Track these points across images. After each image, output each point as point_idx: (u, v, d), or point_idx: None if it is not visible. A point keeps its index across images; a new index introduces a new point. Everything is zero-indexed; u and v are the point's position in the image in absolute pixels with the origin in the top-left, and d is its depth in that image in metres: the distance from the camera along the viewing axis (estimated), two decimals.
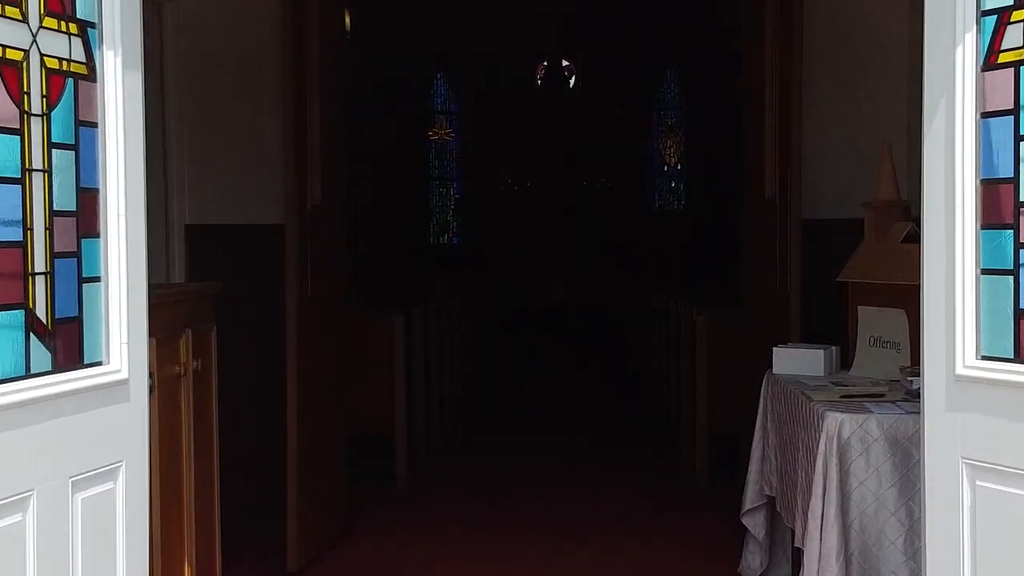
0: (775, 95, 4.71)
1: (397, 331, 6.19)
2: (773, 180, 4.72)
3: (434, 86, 21.28)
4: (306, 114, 4.64)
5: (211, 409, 3.68)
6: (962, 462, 2.49)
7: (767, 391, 4.19)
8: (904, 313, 3.89)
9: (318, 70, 4.73)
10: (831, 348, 4.12)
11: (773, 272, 4.67)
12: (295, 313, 4.46)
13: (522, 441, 7.79)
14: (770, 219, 4.74)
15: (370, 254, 17.71)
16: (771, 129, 4.74)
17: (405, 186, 19.43)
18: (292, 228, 4.46)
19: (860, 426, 3.31)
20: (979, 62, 2.49)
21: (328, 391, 5.03)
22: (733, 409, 6.10)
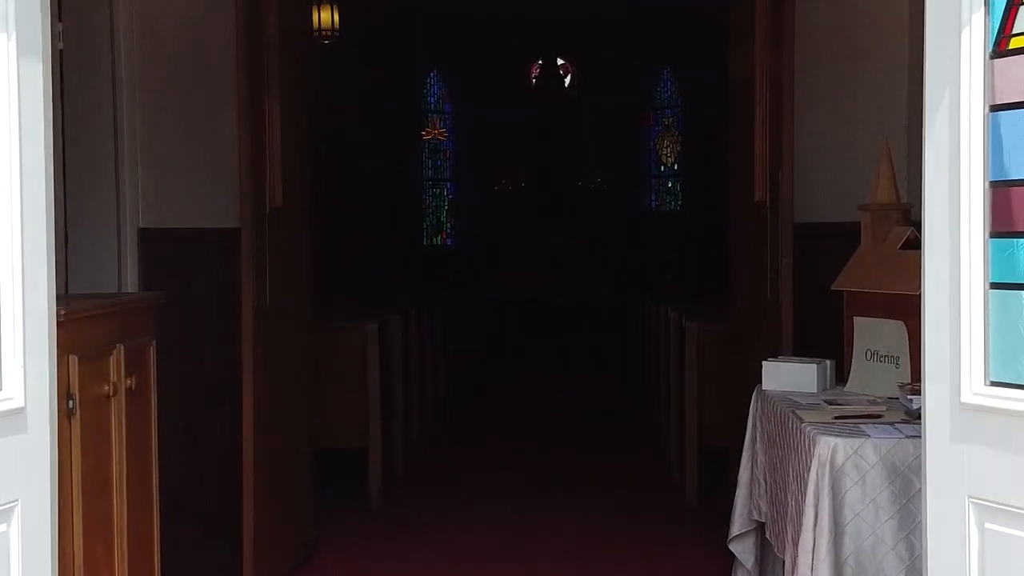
0: (765, 91, 4.41)
1: (370, 339, 5.90)
2: (763, 181, 4.43)
3: (427, 85, 20.99)
4: (264, 112, 4.35)
5: (149, 429, 3.38)
6: (969, 501, 2.20)
7: (756, 408, 3.90)
8: (903, 325, 3.59)
9: (277, 66, 4.44)
10: (825, 363, 3.82)
11: (764, 278, 4.38)
12: (251, 324, 4.16)
13: (505, 452, 7.50)
14: (760, 223, 4.45)
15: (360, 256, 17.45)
16: (761, 127, 4.44)
17: (397, 187, 19.14)
18: (248, 233, 4.17)
19: (855, 452, 3.01)
20: (988, 48, 2.19)
21: (291, 405, 4.74)
22: (724, 420, 5.81)
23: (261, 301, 4.26)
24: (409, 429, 6.94)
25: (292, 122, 4.69)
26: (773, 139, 4.32)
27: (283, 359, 4.60)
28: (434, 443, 7.68)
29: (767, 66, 4.38)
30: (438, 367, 8.28)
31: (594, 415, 9.15)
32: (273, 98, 4.44)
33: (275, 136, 4.44)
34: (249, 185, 4.16)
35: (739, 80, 4.83)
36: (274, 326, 4.43)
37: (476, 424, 8.68)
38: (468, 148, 20.90)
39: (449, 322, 9.39)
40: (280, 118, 4.49)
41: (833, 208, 4.81)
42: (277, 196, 4.44)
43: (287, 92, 4.58)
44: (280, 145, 4.48)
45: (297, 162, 4.74)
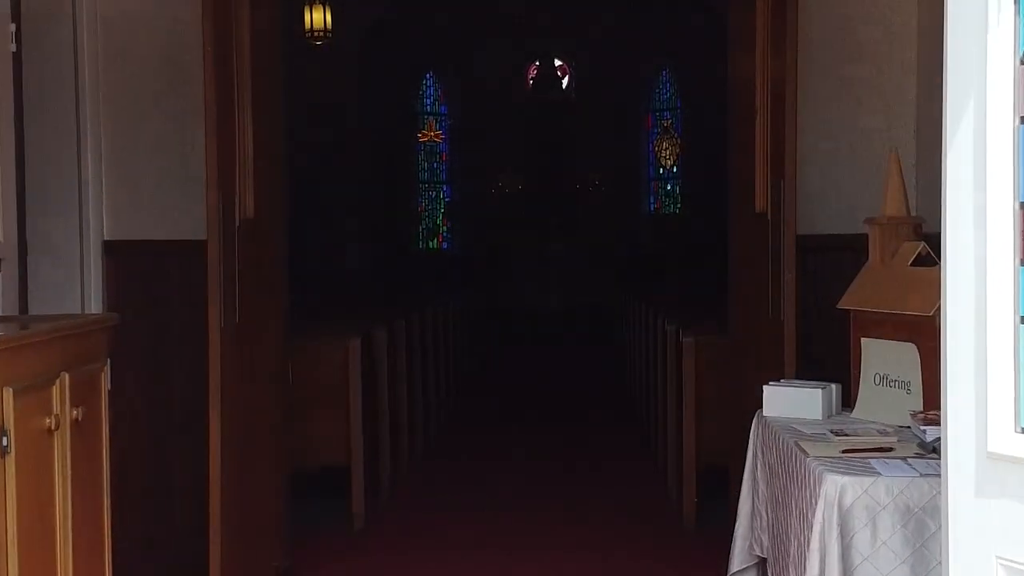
0: (766, 96, 4.16)
1: (352, 355, 5.64)
2: (764, 191, 4.17)
3: (423, 87, 20.73)
4: (234, 119, 4.09)
5: (99, 465, 3.14)
6: (998, 563, 1.94)
7: (757, 436, 3.64)
8: (915, 348, 3.34)
9: (250, 71, 4.18)
10: (830, 387, 3.57)
11: (765, 294, 4.12)
12: (218, 345, 3.91)
13: (496, 468, 7.24)
14: (761, 235, 4.19)
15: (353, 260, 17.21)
16: (761, 134, 4.19)
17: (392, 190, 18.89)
18: (215, 247, 3.90)
19: (865, 491, 2.76)
20: (1018, 53, 1.94)
21: (265, 426, 4.49)
22: (723, 437, 5.56)
23: (230, 320, 4.00)
24: (398, 444, 6.69)
25: (267, 129, 4.44)
26: (774, 146, 4.07)
27: (256, 379, 4.35)
28: (423, 459, 7.43)
29: (768, 69, 4.13)
30: (428, 379, 8.03)
31: (591, 425, 8.90)
32: (245, 104, 4.19)
33: (247, 144, 4.19)
34: (216, 196, 3.90)
35: (739, 84, 4.58)
36: (245, 345, 4.18)
37: (468, 437, 8.42)
38: (465, 150, 20.65)
39: (444, 330, 9.15)
40: (253, 125, 4.24)
41: (837, 219, 4.57)
42: (249, 207, 4.18)
43: (261, 98, 4.33)
44: (252, 154, 4.23)
45: (272, 171, 4.49)
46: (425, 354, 7.98)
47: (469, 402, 10.09)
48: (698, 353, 5.58)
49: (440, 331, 8.94)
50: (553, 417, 9.32)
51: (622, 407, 9.66)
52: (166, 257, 4.53)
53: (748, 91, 4.38)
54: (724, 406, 5.55)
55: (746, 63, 4.41)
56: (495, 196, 19.26)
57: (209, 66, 3.88)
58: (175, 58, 4.55)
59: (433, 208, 21.17)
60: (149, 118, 4.49)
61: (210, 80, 3.88)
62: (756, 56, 4.22)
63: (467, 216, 20.58)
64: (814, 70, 4.43)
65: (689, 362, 5.58)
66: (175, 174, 4.54)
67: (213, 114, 3.90)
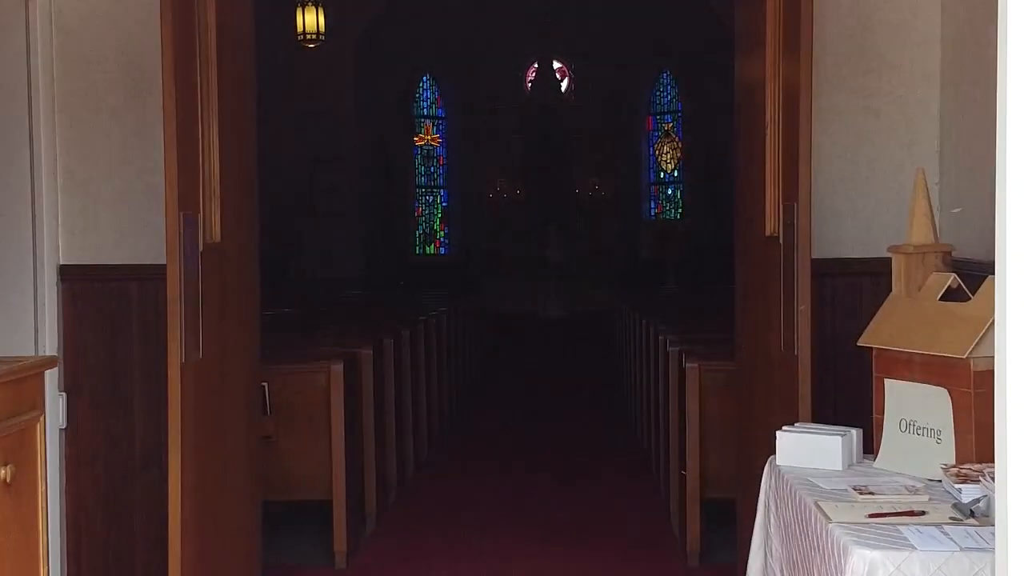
0: (778, 107, 3.82)
1: (335, 380, 5.30)
2: (775, 213, 3.83)
3: (420, 90, 20.41)
4: (197, 131, 3.75)
5: (34, 528, 2.79)
6: None
7: (770, 486, 3.30)
8: (947, 393, 3.00)
9: (216, 78, 3.84)
10: (850, 433, 3.23)
11: (776, 326, 3.78)
12: (177, 382, 3.56)
13: (488, 493, 6.89)
14: (771, 260, 3.85)
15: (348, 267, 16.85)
16: (772, 149, 3.84)
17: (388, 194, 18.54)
18: (175, 274, 3.56)
19: (897, 568, 2.42)
20: None
21: (235, 462, 4.15)
22: (728, 467, 5.23)
23: (192, 355, 3.65)
24: (385, 470, 6.35)
25: (237, 143, 4.10)
26: (787, 163, 3.73)
27: (223, 416, 4.01)
28: (412, 483, 7.08)
29: (780, 78, 3.78)
30: (420, 398, 7.69)
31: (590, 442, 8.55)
32: (211, 116, 3.84)
33: (213, 160, 3.85)
34: (177, 219, 3.56)
35: (746, 91, 4.24)
36: (210, 379, 3.84)
37: (460, 459, 8.07)
38: (463, 154, 20.33)
39: (438, 341, 8.81)
40: (220, 139, 3.89)
41: (853, 242, 4.24)
42: (215, 231, 3.84)
43: (231, 108, 3.99)
44: (220, 171, 3.88)
45: (243, 190, 4.15)
46: (417, 371, 7.64)
47: (463, 419, 9.75)
48: (702, 380, 5.24)
49: (434, 344, 8.60)
50: (551, 435, 8.96)
51: (621, 421, 9.32)
52: (128, 283, 4.20)
53: (756, 99, 4.04)
54: (729, 436, 5.22)
55: (755, 67, 4.07)
56: (493, 200, 18.92)
57: (168, 72, 3.53)
58: (138, 65, 4.22)
59: (430, 213, 20.84)
60: (109, 130, 4.17)
61: (169, 88, 3.54)
62: (767, 59, 3.87)
63: (464, 221, 20.26)
64: (828, 80, 4.09)
65: (692, 389, 5.24)
66: (138, 191, 4.20)
67: (172, 126, 3.55)
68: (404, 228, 19.69)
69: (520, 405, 10.55)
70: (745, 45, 4.27)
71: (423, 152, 20.73)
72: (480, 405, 10.57)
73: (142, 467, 4.22)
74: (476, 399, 10.93)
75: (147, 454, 4.18)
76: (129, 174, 4.19)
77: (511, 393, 11.53)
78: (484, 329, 13.98)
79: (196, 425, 3.75)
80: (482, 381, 12.22)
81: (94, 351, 4.10)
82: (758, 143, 4.01)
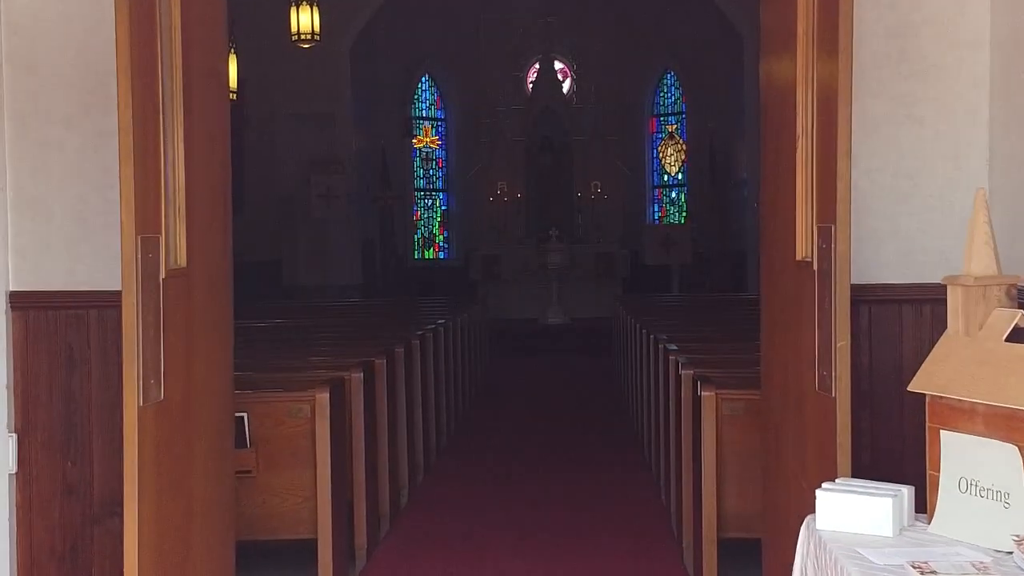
0: (811, 116, 3.40)
1: (320, 409, 4.89)
2: (808, 235, 3.41)
3: (419, 91, 19.99)
4: (159, 143, 3.34)
5: None
6: None
7: (807, 551, 2.88)
8: (1016, 451, 2.59)
9: (180, 86, 3.43)
10: (901, 492, 2.81)
11: (809, 362, 3.36)
12: (134, 427, 3.15)
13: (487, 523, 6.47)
14: (803, 287, 3.43)
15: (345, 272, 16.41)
16: (804, 163, 3.43)
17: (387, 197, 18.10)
18: (132, 304, 3.15)
19: None
20: None
21: (206, 505, 3.73)
22: (748, 504, 4.84)
23: (152, 394, 3.24)
24: (376, 503, 5.93)
25: (207, 153, 3.69)
26: (822, 178, 3.31)
27: (190, 456, 3.59)
28: (409, 515, 6.67)
29: (814, 82, 3.36)
30: (415, 418, 7.27)
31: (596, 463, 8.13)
32: (175, 126, 3.43)
33: (177, 173, 3.44)
34: (133, 241, 3.14)
35: (774, 98, 3.82)
36: (174, 420, 3.42)
37: (458, 484, 7.64)
38: (462, 157, 19.90)
39: (435, 353, 8.39)
40: (187, 150, 3.48)
41: (892, 266, 3.83)
42: (179, 254, 3.43)
43: (199, 115, 3.58)
44: (186, 185, 3.47)
45: (212, 209, 3.74)
46: (412, 392, 7.22)
47: (460, 444, 9.34)
48: (720, 409, 4.83)
49: (431, 362, 8.19)
50: (555, 454, 8.52)
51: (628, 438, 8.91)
52: (85, 311, 3.79)
53: (785, 106, 3.63)
54: (749, 471, 4.82)
55: (783, 70, 3.66)
56: (493, 204, 18.49)
57: (123, 75, 3.13)
58: (96, 68, 3.80)
59: (430, 217, 20.42)
60: (64, 141, 3.75)
61: (124, 94, 3.13)
62: (797, 61, 3.46)
63: (465, 225, 19.84)
64: (865, 84, 3.68)
65: (709, 419, 4.82)
66: (95, 209, 3.79)
67: (129, 137, 3.15)
68: (403, 232, 19.27)
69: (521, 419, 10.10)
70: (772, 45, 3.85)
71: (422, 154, 20.32)
72: (479, 426, 10.14)
73: (101, 516, 3.80)
74: (476, 415, 10.52)
75: (107, 501, 3.77)
76: (85, 190, 3.77)
77: (512, 403, 11.09)
78: (485, 343, 13.56)
79: (158, 472, 3.34)
80: (481, 391, 11.81)
81: (48, 387, 3.70)
82: (787, 155, 3.60)
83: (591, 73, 19.19)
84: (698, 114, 19.57)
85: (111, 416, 3.70)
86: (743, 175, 17.05)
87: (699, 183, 19.42)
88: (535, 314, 17.27)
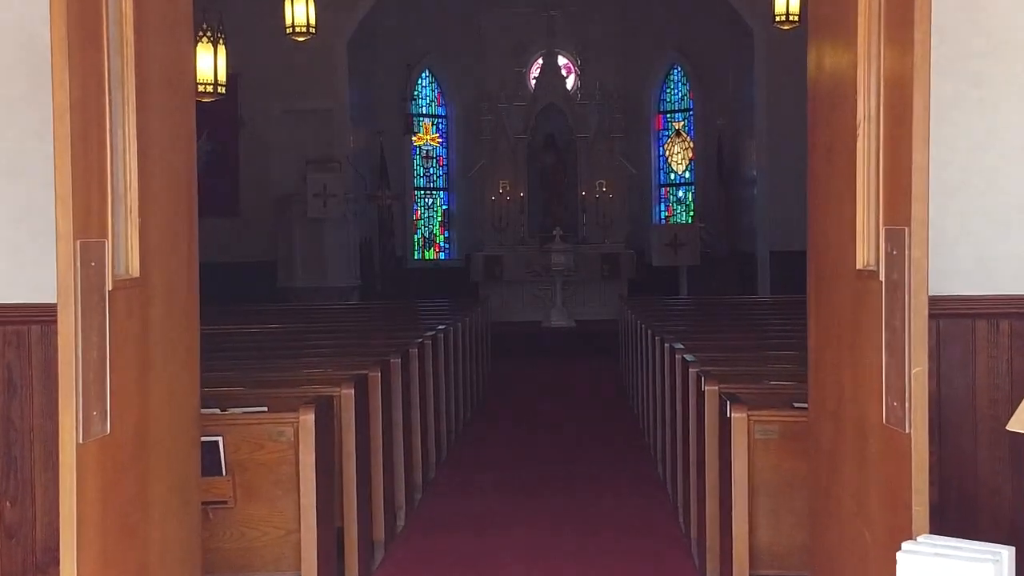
0: (874, 102, 2.89)
1: (304, 433, 4.38)
2: (872, 239, 2.91)
3: (419, 87, 19.46)
4: (107, 133, 2.83)
5: None
6: None
7: None
8: None
9: (132, 66, 2.92)
10: (1000, 554, 2.30)
11: (874, 389, 2.85)
12: (73, 468, 2.64)
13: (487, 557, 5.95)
14: (865, 300, 2.92)
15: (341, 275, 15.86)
16: (867, 158, 2.92)
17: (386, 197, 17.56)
18: (70, 321, 2.64)
19: None
20: None
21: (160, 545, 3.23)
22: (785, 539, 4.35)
23: (96, 428, 2.73)
24: (368, 531, 5.43)
25: (166, 144, 3.18)
26: (891, 174, 2.80)
27: (144, 494, 3.09)
28: (405, 540, 6.16)
29: (881, 65, 2.85)
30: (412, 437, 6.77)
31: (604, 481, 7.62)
32: (126, 109, 2.92)
33: (129, 168, 2.93)
34: (71, 247, 2.63)
35: (826, 87, 3.31)
36: (122, 457, 2.92)
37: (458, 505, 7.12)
38: (463, 155, 19.39)
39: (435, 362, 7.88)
40: (141, 140, 2.98)
41: (964, 275, 3.31)
42: (130, 263, 2.92)
43: (157, 100, 3.07)
44: (139, 181, 2.96)
45: (175, 204, 3.23)
46: (410, 406, 6.72)
47: (462, 446, 8.83)
48: (751, 433, 4.32)
49: (429, 366, 7.67)
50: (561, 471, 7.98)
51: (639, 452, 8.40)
52: (26, 327, 3.28)
53: (840, 95, 3.12)
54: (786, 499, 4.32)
55: (838, 54, 3.15)
56: (496, 203, 17.97)
57: (59, 51, 2.63)
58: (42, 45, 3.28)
59: (430, 216, 19.90)
60: (3, 129, 3.23)
61: (60, 72, 2.64)
62: (858, 43, 2.95)
63: (466, 225, 19.32)
64: (942, 70, 3.16)
65: (740, 444, 4.31)
66: (38, 210, 3.27)
67: (66, 124, 2.65)
68: (402, 232, 18.74)
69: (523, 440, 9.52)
70: (825, 27, 3.34)
71: (422, 152, 19.81)
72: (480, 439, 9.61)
73: (46, 563, 3.29)
74: (476, 428, 10.00)
75: (51, 547, 3.26)
76: (27, 187, 3.26)
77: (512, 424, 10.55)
78: (487, 348, 13.04)
79: (104, 518, 2.83)
80: (483, 405, 11.30)
81: None
82: (843, 147, 3.09)
83: (595, 69, 18.67)
84: (706, 111, 19.06)
85: (56, 449, 3.19)
86: (753, 173, 16.53)
87: (707, 182, 18.91)
88: (538, 317, 16.76)
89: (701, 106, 19.26)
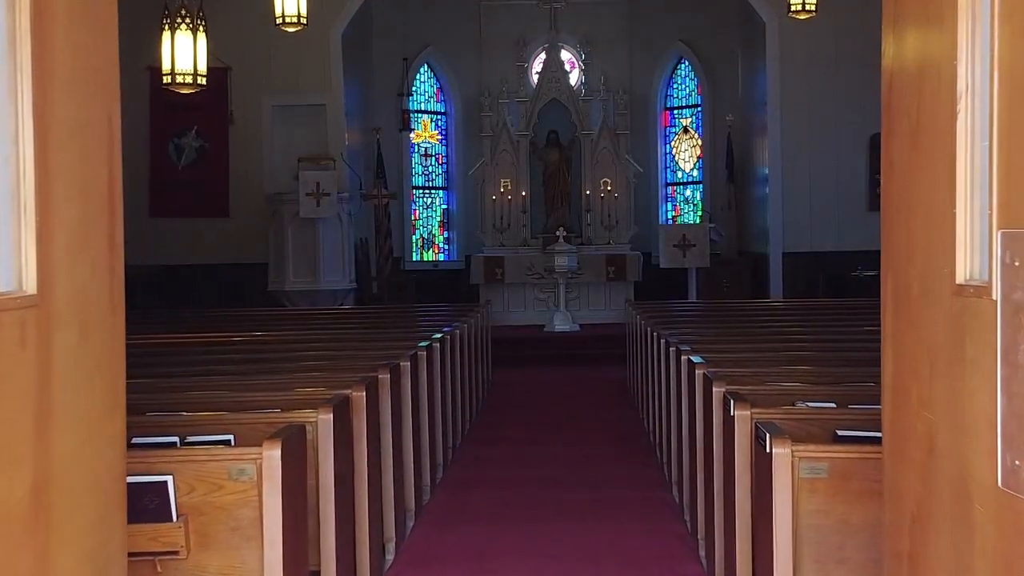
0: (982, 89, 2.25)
1: (269, 471, 3.73)
2: (976, 245, 2.26)
3: (417, 82, 18.83)
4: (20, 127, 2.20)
5: None
6: None
7: None
8: None
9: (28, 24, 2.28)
10: None
11: (983, 438, 2.20)
12: None
13: None
14: (965, 322, 2.28)
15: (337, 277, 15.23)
16: (973, 140, 2.27)
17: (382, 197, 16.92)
18: None
19: None
20: None
21: None
22: None
23: None
24: (347, 573, 4.79)
25: (79, 124, 2.54)
26: (1009, 162, 2.14)
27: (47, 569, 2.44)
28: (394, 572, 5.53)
29: (994, 50, 2.20)
30: (403, 460, 6.12)
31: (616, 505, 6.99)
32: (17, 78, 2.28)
33: (23, 156, 2.29)
34: None
35: (908, 78, 2.67)
36: (13, 524, 2.27)
37: (452, 535, 6.49)
38: (464, 153, 18.76)
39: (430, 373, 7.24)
40: (38, 118, 2.34)
41: None
42: (24, 275, 2.27)
43: (62, 69, 2.44)
44: (36, 178, 2.32)
45: (90, 199, 2.59)
46: (400, 421, 6.08)
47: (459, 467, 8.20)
48: (797, 473, 3.67)
49: (423, 380, 7.04)
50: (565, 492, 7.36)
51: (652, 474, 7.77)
52: None
53: (929, 85, 2.48)
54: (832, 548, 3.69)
55: (929, 42, 2.51)
56: (497, 203, 17.33)
57: None
58: None
59: (429, 216, 19.25)
60: None
61: None
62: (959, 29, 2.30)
63: (466, 225, 18.69)
64: None
65: (783, 486, 3.66)
66: None
67: None
68: (400, 233, 18.11)
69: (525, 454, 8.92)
70: (907, 14, 2.69)
71: (420, 150, 19.17)
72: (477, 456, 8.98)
73: None
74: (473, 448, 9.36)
75: None
76: None
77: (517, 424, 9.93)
78: (488, 354, 12.41)
79: None
80: (483, 414, 10.67)
81: None
82: (933, 137, 2.44)
83: (599, 63, 18.06)
84: (715, 106, 18.43)
85: None
86: (764, 172, 15.89)
87: (716, 181, 18.28)
88: (541, 321, 16.14)
89: (710, 102, 18.64)
